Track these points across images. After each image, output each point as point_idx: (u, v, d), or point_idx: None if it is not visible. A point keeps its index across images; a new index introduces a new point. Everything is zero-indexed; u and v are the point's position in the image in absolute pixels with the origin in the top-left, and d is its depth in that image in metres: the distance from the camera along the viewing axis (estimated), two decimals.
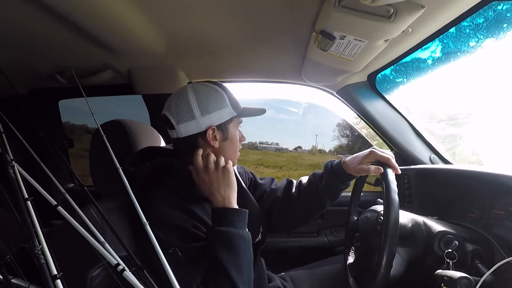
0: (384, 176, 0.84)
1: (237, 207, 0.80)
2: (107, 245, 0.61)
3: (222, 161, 0.83)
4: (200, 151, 0.84)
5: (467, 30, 0.98)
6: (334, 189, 1.02)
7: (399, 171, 0.87)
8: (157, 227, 0.73)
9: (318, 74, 1.25)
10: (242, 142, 0.97)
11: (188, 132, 0.85)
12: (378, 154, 0.91)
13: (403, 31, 0.78)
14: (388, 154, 0.90)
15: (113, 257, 0.57)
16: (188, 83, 1.38)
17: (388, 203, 0.77)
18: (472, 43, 1.04)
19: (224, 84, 0.92)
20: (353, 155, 0.98)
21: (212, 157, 0.83)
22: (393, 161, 0.88)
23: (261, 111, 0.96)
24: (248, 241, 0.77)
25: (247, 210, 0.81)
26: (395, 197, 0.77)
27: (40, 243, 0.45)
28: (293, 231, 1.61)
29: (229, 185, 0.81)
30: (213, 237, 0.75)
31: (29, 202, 0.52)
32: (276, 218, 1.10)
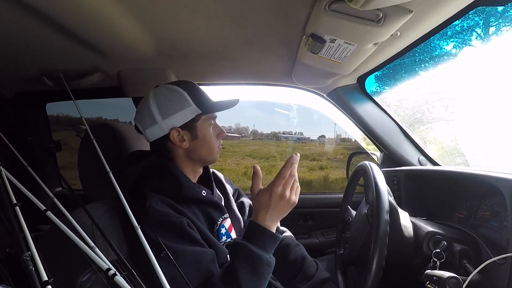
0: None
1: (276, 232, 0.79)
2: (97, 249, 0.60)
3: (294, 198, 0.80)
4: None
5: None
6: None
7: None
8: (150, 227, 0.73)
9: (308, 76, 1.26)
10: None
11: (154, 137, 0.88)
12: None
13: (392, 34, 0.80)
14: None
15: (104, 262, 0.57)
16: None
17: (378, 207, 0.78)
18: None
19: (214, 86, 0.92)
20: None
21: (293, 188, 0.80)
22: None
23: (234, 102, 0.95)
24: (271, 269, 0.77)
25: (281, 236, 0.80)
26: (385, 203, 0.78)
27: (29, 249, 0.44)
28: None
29: (281, 215, 0.79)
30: (240, 252, 0.74)
31: (17, 208, 0.51)
32: None
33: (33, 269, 0.42)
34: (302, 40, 0.93)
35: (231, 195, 1.06)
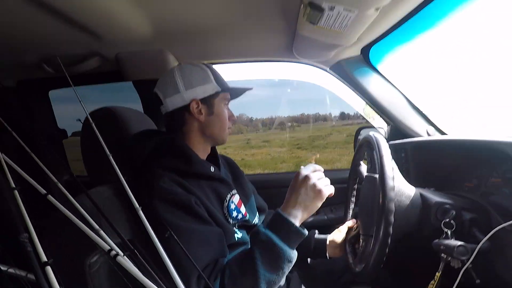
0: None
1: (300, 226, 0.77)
2: (101, 232, 0.61)
3: (325, 189, 0.78)
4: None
5: None
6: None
7: None
8: (158, 206, 0.74)
9: (309, 49, 1.22)
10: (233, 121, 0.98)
11: (174, 106, 0.89)
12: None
13: None
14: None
15: (106, 243, 0.57)
16: None
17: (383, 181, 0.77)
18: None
19: (217, 65, 0.92)
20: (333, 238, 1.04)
21: (323, 178, 0.80)
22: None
23: (244, 89, 1.00)
24: (291, 265, 0.76)
25: (307, 233, 0.78)
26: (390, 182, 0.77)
27: (26, 231, 0.45)
28: None
29: (309, 203, 0.77)
30: (262, 242, 0.74)
31: (16, 192, 0.52)
32: None
33: (32, 250, 0.42)
34: (301, 10, 0.89)
35: (242, 174, 1.08)
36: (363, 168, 1.11)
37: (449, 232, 0.80)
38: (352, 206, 1.16)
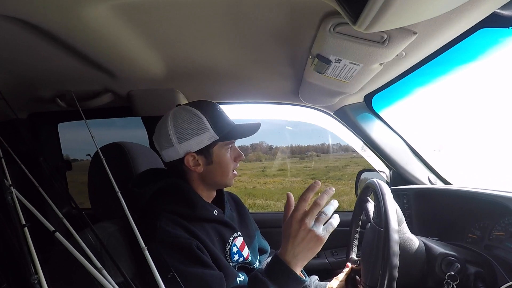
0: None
1: (298, 273, 0.74)
2: (104, 271, 0.60)
3: (322, 233, 0.73)
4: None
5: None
6: None
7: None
8: (159, 248, 0.73)
9: (315, 95, 1.27)
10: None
11: (170, 158, 0.88)
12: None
13: (397, 55, 0.80)
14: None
15: (111, 285, 0.56)
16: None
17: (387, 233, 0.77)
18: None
19: (221, 105, 0.93)
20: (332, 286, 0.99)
21: (319, 220, 0.73)
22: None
23: (255, 128, 0.92)
24: None
25: (307, 280, 0.76)
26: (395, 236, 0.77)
27: (36, 272, 0.44)
28: None
29: (307, 251, 0.73)
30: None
31: (26, 229, 0.52)
32: None
33: None
34: (308, 61, 0.94)
35: (248, 213, 1.07)
36: (368, 210, 1.11)
37: (453, 286, 0.79)
38: (354, 250, 1.15)
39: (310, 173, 9.53)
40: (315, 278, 1.06)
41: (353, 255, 1.12)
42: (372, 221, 0.99)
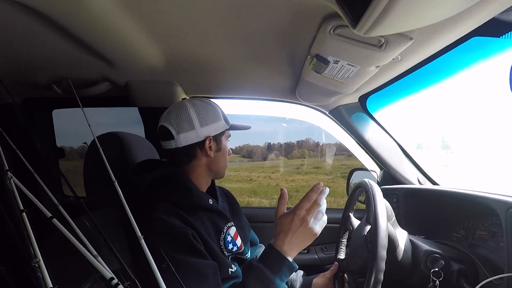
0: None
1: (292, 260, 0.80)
2: (99, 258, 0.61)
3: (317, 229, 0.81)
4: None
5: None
6: None
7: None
8: (155, 237, 0.74)
9: (311, 94, 1.29)
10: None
11: (187, 142, 0.89)
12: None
13: (393, 58, 0.83)
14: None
15: (107, 271, 0.57)
16: (183, 98, 1.41)
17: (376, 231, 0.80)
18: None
19: (219, 100, 0.96)
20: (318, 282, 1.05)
21: (317, 218, 0.81)
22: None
23: (247, 127, 1.06)
24: None
25: (298, 267, 0.82)
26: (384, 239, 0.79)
27: (36, 256, 0.45)
28: None
29: (301, 243, 0.80)
30: (255, 275, 0.76)
31: (24, 214, 0.52)
32: None
33: (41, 276, 0.43)
34: (307, 60, 0.96)
35: (239, 207, 1.11)
36: (357, 209, 1.14)
37: (437, 282, 0.82)
38: (343, 247, 1.17)
39: (344, 171, 9.13)
40: (301, 273, 1.11)
41: (342, 255, 1.15)
42: (363, 218, 1.02)
